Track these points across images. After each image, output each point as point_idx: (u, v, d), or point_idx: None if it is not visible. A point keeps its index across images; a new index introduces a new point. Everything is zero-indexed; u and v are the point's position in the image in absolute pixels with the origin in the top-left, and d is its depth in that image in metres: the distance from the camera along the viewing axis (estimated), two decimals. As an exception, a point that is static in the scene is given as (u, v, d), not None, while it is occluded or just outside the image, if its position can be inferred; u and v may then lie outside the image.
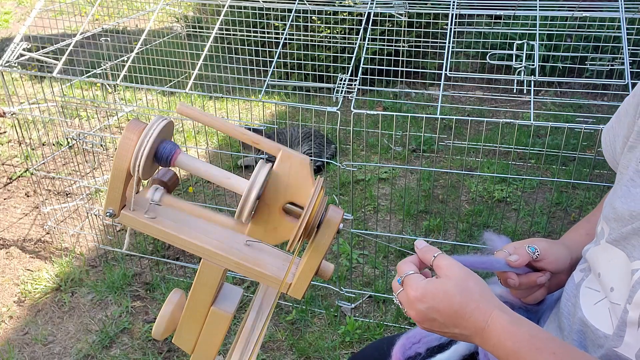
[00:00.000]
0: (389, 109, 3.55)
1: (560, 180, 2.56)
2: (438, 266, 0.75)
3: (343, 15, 3.44)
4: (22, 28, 2.16)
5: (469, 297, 0.71)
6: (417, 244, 0.80)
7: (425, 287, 0.73)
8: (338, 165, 1.90)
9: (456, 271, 0.74)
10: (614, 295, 0.73)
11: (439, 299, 0.72)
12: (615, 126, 0.87)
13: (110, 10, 4.10)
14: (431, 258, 0.76)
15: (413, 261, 0.78)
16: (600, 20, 2.79)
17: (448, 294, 0.71)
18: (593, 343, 0.75)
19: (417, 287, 0.73)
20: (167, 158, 0.64)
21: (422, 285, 0.73)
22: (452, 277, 0.73)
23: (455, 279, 0.73)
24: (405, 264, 0.78)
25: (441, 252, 0.77)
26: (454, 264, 0.75)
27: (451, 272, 0.74)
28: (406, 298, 0.75)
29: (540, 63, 1.98)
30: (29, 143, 2.90)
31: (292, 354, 1.93)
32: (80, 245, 2.47)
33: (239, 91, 3.70)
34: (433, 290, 0.72)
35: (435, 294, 0.72)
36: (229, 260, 0.67)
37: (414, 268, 0.77)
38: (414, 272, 0.76)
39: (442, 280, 0.73)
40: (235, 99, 3.48)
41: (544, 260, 0.87)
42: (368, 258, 2.36)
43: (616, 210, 0.76)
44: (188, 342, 0.72)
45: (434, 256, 0.76)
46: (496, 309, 0.71)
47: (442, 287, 0.72)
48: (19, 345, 1.99)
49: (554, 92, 3.81)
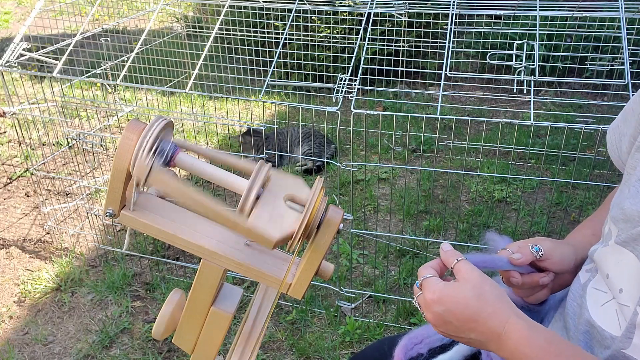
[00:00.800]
0: (389, 109, 3.55)
1: (560, 180, 2.56)
2: (458, 270, 0.76)
3: (343, 15, 3.44)
4: (22, 28, 2.16)
5: (485, 301, 0.72)
6: (443, 247, 0.80)
7: (442, 290, 0.74)
8: (338, 165, 1.90)
9: (474, 276, 0.74)
10: (623, 296, 0.73)
11: (455, 302, 0.72)
12: (620, 125, 0.86)
13: (110, 10, 4.10)
14: (453, 261, 0.77)
15: (433, 266, 0.79)
16: (600, 20, 2.78)
17: (465, 297, 0.72)
18: (600, 344, 0.75)
19: (434, 289, 0.74)
20: (167, 158, 0.63)
21: (440, 288, 0.74)
22: (469, 281, 0.73)
23: (472, 283, 0.73)
24: (425, 268, 0.79)
25: (464, 257, 0.77)
26: (473, 268, 0.75)
27: (469, 276, 0.74)
28: (424, 301, 0.75)
29: (540, 63, 1.98)
30: (29, 143, 2.90)
31: (292, 354, 1.93)
32: (80, 245, 2.47)
33: (239, 91, 3.70)
34: (450, 293, 0.73)
35: (452, 296, 0.73)
36: (229, 260, 0.67)
37: (432, 272, 0.77)
38: (432, 276, 0.77)
39: (459, 284, 0.74)
40: (235, 99, 3.49)
41: (548, 260, 0.86)
42: (368, 258, 2.36)
43: (625, 211, 0.75)
44: (188, 342, 0.72)
45: (457, 260, 0.77)
46: (513, 315, 0.71)
47: (459, 290, 0.73)
48: (19, 345, 1.99)
49: (554, 92, 3.81)
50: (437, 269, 0.79)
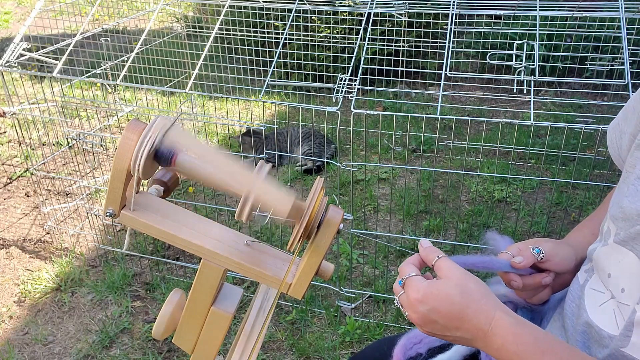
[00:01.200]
0: (389, 109, 3.55)
1: (560, 180, 2.56)
2: (439, 267, 0.75)
3: (343, 15, 3.44)
4: (22, 28, 2.16)
5: (470, 298, 0.71)
6: (422, 243, 0.79)
7: (426, 289, 0.72)
8: (338, 165, 1.90)
9: (456, 273, 0.73)
10: (624, 296, 0.72)
11: (440, 300, 0.71)
12: (621, 123, 0.86)
13: (110, 10, 4.10)
14: (434, 259, 0.76)
15: (414, 262, 0.78)
16: (600, 20, 2.78)
17: (449, 295, 0.71)
18: (597, 343, 0.75)
19: (418, 288, 0.73)
20: (167, 158, 0.64)
21: (424, 286, 0.73)
22: (452, 278, 0.73)
23: (455, 280, 0.72)
24: (406, 266, 0.77)
25: (444, 254, 0.76)
26: (455, 266, 0.74)
27: (451, 273, 0.73)
28: (407, 300, 0.74)
29: (540, 63, 1.98)
30: (29, 143, 2.90)
31: (292, 354, 1.93)
32: (80, 245, 2.47)
33: (239, 91, 3.70)
34: (434, 291, 0.72)
35: (437, 295, 0.71)
36: (229, 260, 0.67)
37: (415, 270, 0.76)
38: (415, 274, 0.75)
39: (443, 281, 0.73)
40: (235, 99, 3.49)
41: (550, 261, 0.86)
42: (368, 258, 2.36)
43: (624, 209, 0.75)
44: (188, 342, 0.72)
45: (438, 257, 0.76)
46: (498, 311, 0.71)
47: (443, 288, 0.72)
48: (19, 345, 1.99)
49: (554, 92, 3.81)
50: (418, 264, 0.78)
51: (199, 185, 2.86)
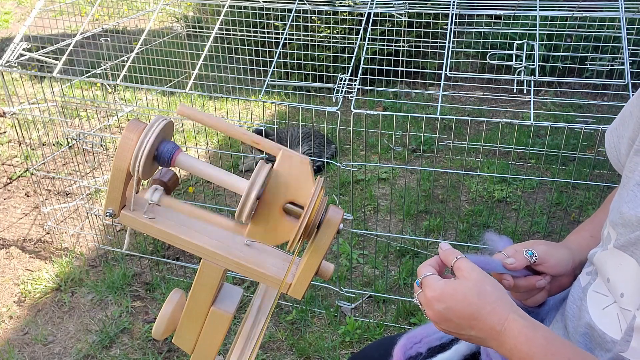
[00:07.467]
0: (389, 109, 3.55)
1: (560, 180, 2.56)
2: (458, 268, 0.77)
3: (343, 15, 3.44)
4: (22, 28, 2.16)
5: (485, 299, 0.72)
6: (442, 246, 0.82)
7: (442, 288, 0.74)
8: (338, 165, 1.90)
9: (475, 274, 0.75)
10: (624, 300, 0.73)
11: (456, 300, 0.73)
12: (619, 127, 0.86)
13: (110, 10, 4.11)
14: (453, 259, 0.78)
15: (432, 264, 0.80)
16: (600, 20, 2.78)
17: (465, 295, 0.73)
18: (600, 347, 0.75)
19: (435, 287, 0.75)
20: (167, 158, 0.64)
21: (440, 285, 0.75)
22: (470, 279, 0.74)
23: (473, 281, 0.74)
24: (424, 267, 0.79)
25: (463, 255, 0.78)
26: (474, 267, 0.76)
27: (469, 274, 0.75)
28: (425, 298, 0.76)
29: (540, 63, 1.98)
30: (29, 143, 2.90)
31: (292, 354, 1.93)
32: (80, 245, 2.47)
33: (239, 91, 3.70)
34: (450, 290, 0.74)
35: (453, 294, 0.73)
36: (229, 260, 0.67)
37: (432, 270, 0.78)
38: (432, 274, 0.77)
39: (460, 281, 0.75)
40: (235, 99, 3.49)
41: (544, 264, 0.86)
42: (368, 258, 2.36)
43: (623, 215, 0.75)
44: (188, 342, 0.72)
45: (457, 257, 0.77)
46: (512, 313, 0.72)
47: (459, 288, 0.74)
48: (19, 345, 1.99)
49: (554, 92, 3.81)
50: (436, 267, 0.80)
51: (199, 185, 2.86)
